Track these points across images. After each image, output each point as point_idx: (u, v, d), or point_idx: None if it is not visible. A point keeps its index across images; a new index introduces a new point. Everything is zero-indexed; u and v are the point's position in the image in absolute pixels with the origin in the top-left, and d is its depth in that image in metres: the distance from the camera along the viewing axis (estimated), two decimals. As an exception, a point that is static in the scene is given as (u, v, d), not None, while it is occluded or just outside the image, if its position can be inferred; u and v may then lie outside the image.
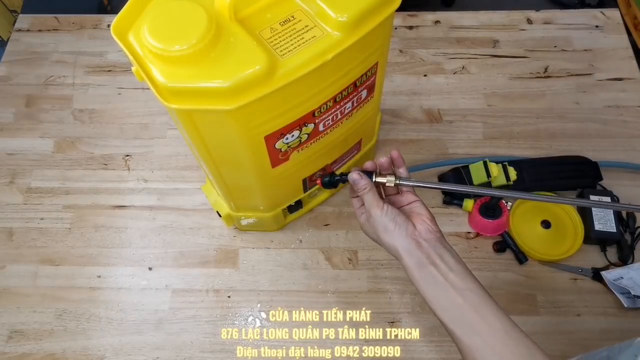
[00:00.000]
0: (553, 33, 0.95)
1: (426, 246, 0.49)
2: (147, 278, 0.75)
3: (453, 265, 0.48)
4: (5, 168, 0.84)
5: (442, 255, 0.48)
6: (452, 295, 0.46)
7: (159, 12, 0.45)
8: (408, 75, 0.91)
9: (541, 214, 0.76)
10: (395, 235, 0.49)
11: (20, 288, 0.74)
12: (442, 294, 0.47)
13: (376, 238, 0.52)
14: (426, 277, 0.48)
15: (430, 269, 0.47)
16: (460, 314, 0.45)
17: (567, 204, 0.75)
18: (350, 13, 0.47)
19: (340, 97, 0.55)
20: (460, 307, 0.45)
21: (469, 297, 0.46)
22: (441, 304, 0.47)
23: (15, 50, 0.96)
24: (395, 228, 0.50)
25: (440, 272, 0.47)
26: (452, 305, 0.46)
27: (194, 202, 0.80)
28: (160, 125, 0.88)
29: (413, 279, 0.49)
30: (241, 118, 0.48)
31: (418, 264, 0.48)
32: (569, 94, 0.88)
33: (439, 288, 0.47)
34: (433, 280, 0.47)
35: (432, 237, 0.50)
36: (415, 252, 0.48)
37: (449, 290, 0.46)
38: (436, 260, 0.48)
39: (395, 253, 0.50)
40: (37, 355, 0.70)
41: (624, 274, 0.68)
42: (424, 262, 0.48)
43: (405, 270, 0.49)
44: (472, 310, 0.45)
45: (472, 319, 0.45)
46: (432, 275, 0.47)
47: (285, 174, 0.62)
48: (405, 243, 0.49)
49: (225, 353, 0.69)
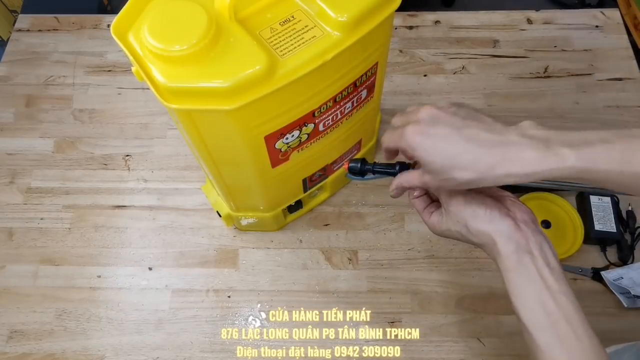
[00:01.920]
0: (553, 33, 0.95)
1: (525, 229, 0.42)
2: (147, 278, 0.75)
3: (551, 259, 0.41)
4: (5, 168, 0.84)
5: (541, 244, 0.42)
6: (544, 297, 0.40)
7: (159, 12, 0.45)
8: (408, 75, 0.91)
9: (541, 213, 0.76)
10: (489, 219, 0.42)
11: (20, 288, 0.74)
12: (533, 292, 0.41)
13: (460, 230, 0.45)
14: (520, 269, 0.41)
15: (527, 258, 0.41)
16: (549, 321, 0.40)
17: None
18: (350, 13, 0.47)
19: (340, 97, 0.55)
20: (551, 314, 0.40)
21: (563, 303, 0.40)
22: (529, 303, 0.41)
23: (15, 50, 0.96)
24: (487, 211, 0.43)
25: (535, 266, 0.41)
26: (541, 308, 0.40)
27: (194, 202, 0.80)
28: (160, 125, 0.88)
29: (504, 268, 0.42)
30: (241, 118, 0.48)
31: (516, 249, 0.41)
32: (569, 94, 0.88)
33: (532, 285, 0.41)
34: (526, 273, 0.41)
35: (529, 219, 0.43)
36: (514, 236, 0.42)
37: (542, 290, 0.40)
38: (534, 250, 0.41)
39: (488, 239, 0.43)
40: (37, 355, 0.70)
41: (624, 274, 0.68)
42: (523, 249, 0.41)
43: (497, 257, 0.43)
44: (563, 320, 0.39)
45: (562, 329, 0.39)
46: (526, 267, 0.41)
47: (285, 174, 0.62)
48: (502, 226, 0.42)
49: (225, 353, 0.69)
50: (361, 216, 0.78)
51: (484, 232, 0.43)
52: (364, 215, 0.78)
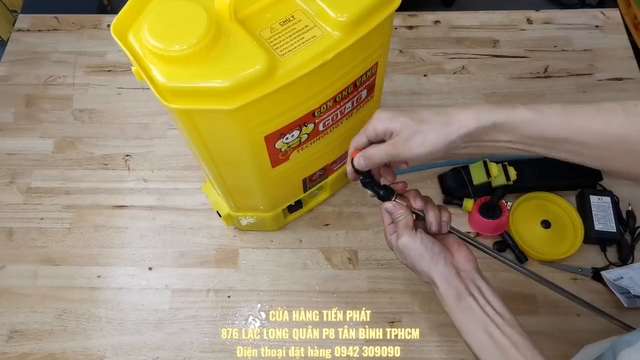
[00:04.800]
0: (553, 33, 0.95)
1: (464, 276, 0.47)
2: (147, 278, 0.75)
3: (490, 297, 0.46)
4: (5, 168, 0.84)
5: (480, 287, 0.47)
6: (490, 330, 0.44)
7: (159, 12, 0.45)
8: (408, 75, 0.91)
9: (541, 214, 0.76)
10: (433, 263, 0.48)
11: (20, 288, 0.74)
12: (480, 327, 0.45)
13: (407, 264, 0.50)
14: (464, 309, 0.46)
15: (469, 300, 0.46)
16: (499, 350, 0.44)
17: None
18: (350, 13, 0.47)
19: (340, 97, 0.55)
20: (499, 343, 0.44)
21: (508, 332, 0.44)
22: (478, 337, 0.45)
23: (15, 50, 0.96)
24: (432, 256, 0.48)
25: (478, 304, 0.46)
26: (490, 340, 0.44)
27: (194, 202, 0.80)
28: (160, 125, 0.88)
29: (449, 310, 0.47)
30: (241, 118, 0.48)
31: (457, 294, 0.46)
32: (569, 94, 0.88)
33: (477, 321, 0.45)
34: (471, 312, 0.45)
35: (470, 267, 0.48)
36: (454, 282, 0.47)
37: (488, 324, 0.45)
38: (474, 292, 0.46)
39: (430, 280, 0.48)
40: (37, 355, 0.70)
41: (624, 274, 0.68)
42: (463, 293, 0.46)
43: (441, 299, 0.48)
44: (511, 347, 0.43)
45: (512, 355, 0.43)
46: (471, 307, 0.46)
47: (285, 174, 0.62)
48: (444, 272, 0.47)
49: (225, 353, 0.69)
50: (361, 216, 0.78)
51: (427, 273, 0.48)
52: (364, 215, 0.78)
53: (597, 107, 0.42)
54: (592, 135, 0.42)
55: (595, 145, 0.42)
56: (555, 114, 0.42)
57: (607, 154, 0.42)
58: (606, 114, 0.41)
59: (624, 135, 0.41)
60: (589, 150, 0.42)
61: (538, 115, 0.43)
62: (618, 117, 0.41)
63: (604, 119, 0.41)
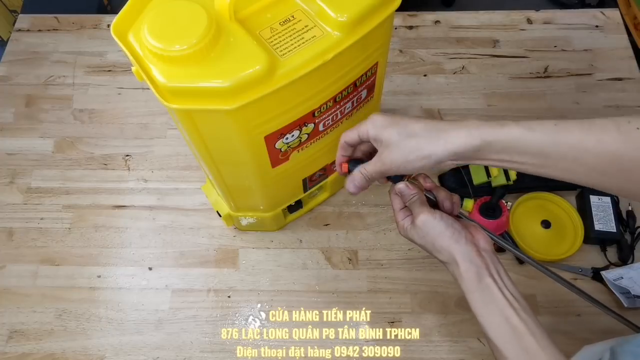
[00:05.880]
0: (553, 33, 0.95)
1: (485, 256, 0.46)
2: (147, 278, 0.75)
3: (507, 282, 0.46)
4: (5, 168, 0.84)
5: (498, 270, 0.46)
6: (508, 314, 0.44)
7: (159, 12, 0.45)
8: (408, 75, 0.91)
9: (541, 214, 0.76)
10: (454, 240, 0.46)
11: (20, 288, 0.74)
12: (497, 311, 0.44)
13: (425, 244, 0.48)
14: (483, 290, 0.45)
15: (488, 280, 0.45)
16: (515, 335, 0.43)
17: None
18: (350, 13, 0.47)
19: (340, 97, 0.55)
20: (516, 329, 0.43)
21: (525, 318, 0.44)
22: (495, 320, 0.44)
23: (15, 50, 0.96)
24: (454, 233, 0.47)
25: (497, 287, 0.45)
26: (506, 324, 0.43)
27: (194, 202, 0.80)
28: (160, 125, 0.88)
29: (467, 289, 0.46)
30: (241, 118, 0.48)
31: (477, 274, 0.45)
32: (569, 94, 0.88)
33: (495, 303, 0.44)
34: (489, 293, 0.45)
35: (490, 248, 0.48)
36: (475, 260, 0.46)
37: (505, 307, 0.44)
38: (494, 274, 0.45)
39: (450, 259, 0.47)
40: (37, 355, 0.70)
41: (624, 273, 0.68)
42: (483, 273, 0.45)
43: (459, 278, 0.46)
44: (528, 333, 0.43)
45: (528, 342, 0.43)
46: (490, 288, 0.45)
47: (285, 174, 0.62)
48: (465, 250, 0.46)
49: (225, 353, 0.69)
50: (361, 216, 0.78)
51: (448, 250, 0.46)
52: (364, 215, 0.78)
53: (589, 123, 0.41)
54: (584, 153, 0.41)
55: (588, 163, 0.41)
56: (545, 131, 0.42)
57: (600, 172, 0.41)
58: (598, 131, 0.40)
59: (617, 152, 0.40)
60: (581, 168, 0.41)
61: (527, 131, 0.42)
62: (611, 134, 0.40)
63: (597, 136, 0.40)
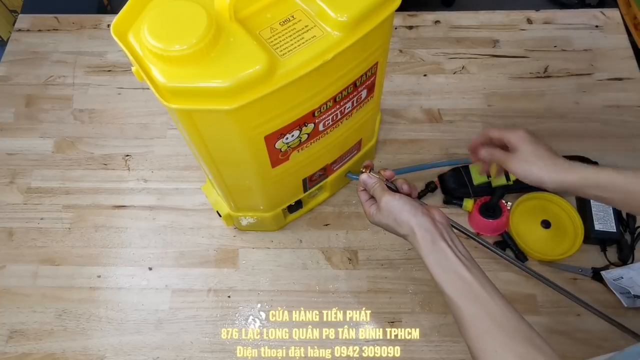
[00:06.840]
0: (553, 33, 0.95)
1: (440, 226, 0.52)
2: (147, 278, 0.75)
3: (461, 249, 0.51)
4: (5, 168, 0.84)
5: (452, 239, 0.52)
6: (460, 271, 0.49)
7: (159, 12, 0.45)
8: (408, 75, 0.91)
9: (541, 214, 0.76)
10: (412, 214, 0.53)
11: (20, 288, 0.74)
12: (451, 268, 0.49)
13: (389, 222, 0.55)
14: (438, 252, 0.51)
15: (442, 245, 0.51)
16: (466, 286, 0.48)
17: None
18: (350, 13, 0.47)
19: (340, 97, 0.55)
20: (467, 281, 0.48)
21: (476, 274, 0.49)
22: (449, 277, 0.49)
23: (15, 50, 0.96)
24: (412, 208, 0.53)
25: (450, 248, 0.50)
26: (459, 278, 0.49)
27: (194, 202, 0.80)
28: (160, 125, 0.88)
29: (424, 253, 0.51)
30: (241, 118, 0.48)
31: (432, 239, 0.51)
32: (569, 94, 0.88)
33: (449, 262, 0.50)
34: (444, 255, 0.50)
35: (445, 221, 0.54)
36: (430, 228, 0.52)
37: (458, 265, 0.49)
38: (447, 240, 0.51)
39: (409, 230, 0.53)
40: (37, 355, 0.70)
41: (624, 273, 0.68)
42: (438, 238, 0.51)
43: (417, 246, 0.52)
44: (478, 285, 0.48)
45: (478, 291, 0.48)
46: (444, 250, 0.50)
47: (285, 174, 0.62)
48: (422, 220, 0.52)
49: (225, 353, 0.69)
50: (361, 216, 0.78)
51: (407, 223, 0.53)
52: (363, 215, 0.78)
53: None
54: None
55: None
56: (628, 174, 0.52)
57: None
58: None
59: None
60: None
61: (626, 177, 0.52)
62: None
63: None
